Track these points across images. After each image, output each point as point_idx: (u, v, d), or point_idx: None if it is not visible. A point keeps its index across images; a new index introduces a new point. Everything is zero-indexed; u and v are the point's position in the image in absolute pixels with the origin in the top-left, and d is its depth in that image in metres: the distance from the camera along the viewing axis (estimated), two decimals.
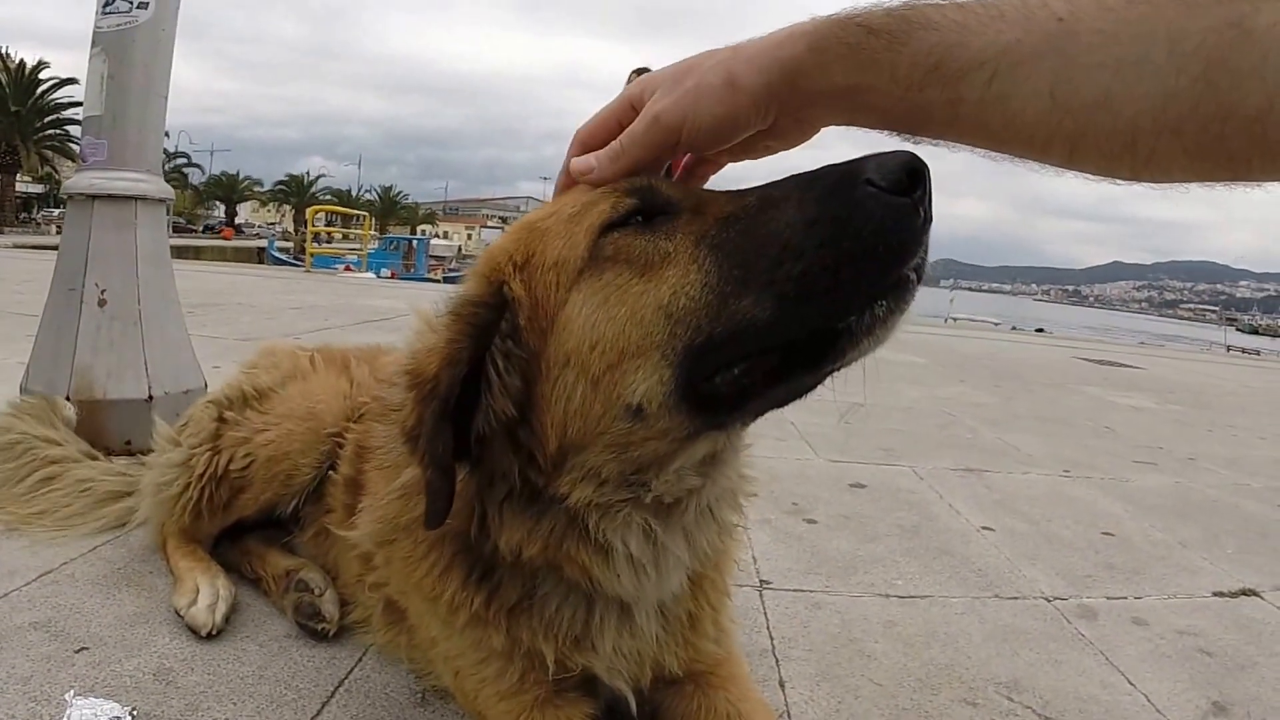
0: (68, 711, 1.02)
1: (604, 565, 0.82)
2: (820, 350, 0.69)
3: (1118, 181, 0.59)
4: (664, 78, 0.74)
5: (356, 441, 1.23)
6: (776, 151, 0.79)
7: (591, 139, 0.81)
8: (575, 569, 0.84)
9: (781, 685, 1.28)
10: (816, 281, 0.65)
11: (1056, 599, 1.74)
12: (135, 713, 1.04)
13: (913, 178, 0.64)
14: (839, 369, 0.72)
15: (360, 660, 1.22)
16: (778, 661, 1.35)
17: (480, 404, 0.77)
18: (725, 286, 0.69)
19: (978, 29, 0.58)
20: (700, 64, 0.71)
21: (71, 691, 1.06)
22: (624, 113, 0.78)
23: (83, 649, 1.18)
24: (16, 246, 9.69)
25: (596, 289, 0.74)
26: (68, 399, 2.02)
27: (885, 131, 0.69)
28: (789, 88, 0.67)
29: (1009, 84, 0.57)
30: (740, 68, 0.68)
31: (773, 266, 0.67)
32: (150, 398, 2.10)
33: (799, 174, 0.71)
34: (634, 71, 0.86)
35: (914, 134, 0.68)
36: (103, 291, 2.07)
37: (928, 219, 0.66)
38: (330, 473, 1.28)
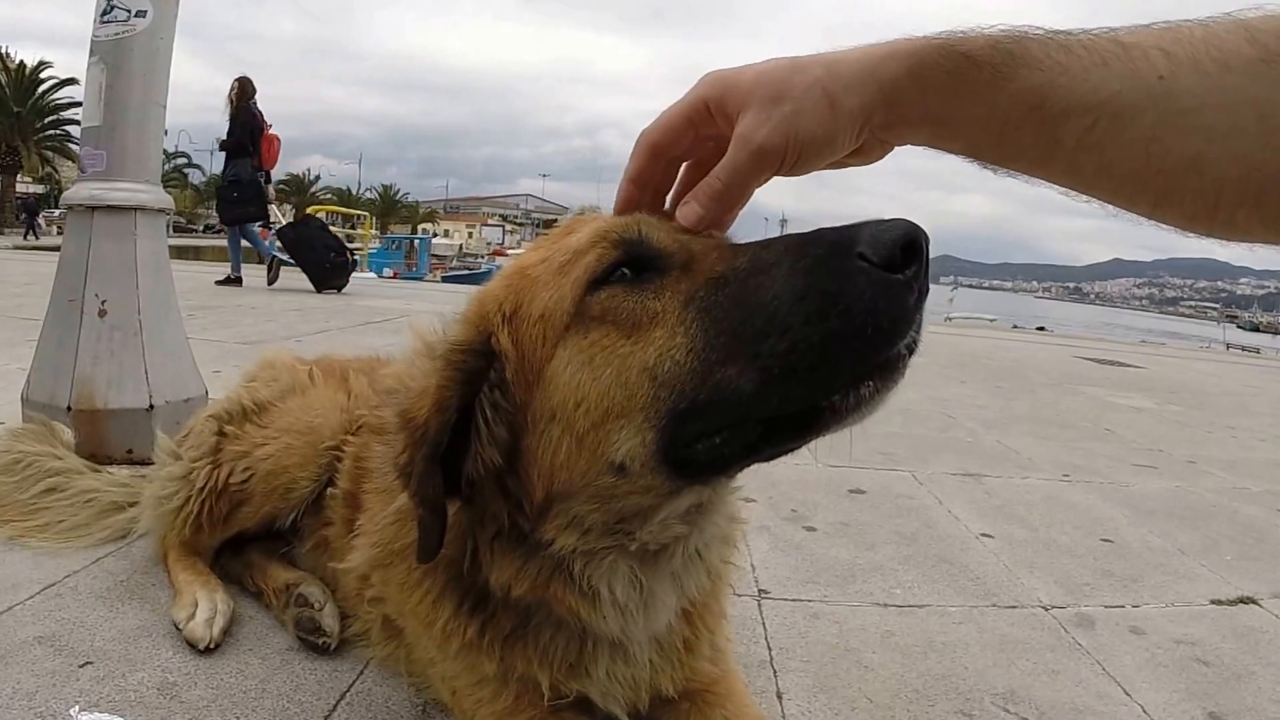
0: None
1: (591, 608, 0.84)
2: (803, 425, 0.68)
3: (1189, 235, 0.61)
4: (752, 93, 0.69)
5: (355, 455, 1.24)
6: (847, 167, 0.76)
7: (663, 142, 0.76)
8: (563, 609, 0.85)
9: (779, 697, 1.28)
10: (802, 359, 0.64)
11: (1054, 608, 1.74)
12: None
13: (908, 253, 0.62)
14: (823, 436, 0.71)
15: (361, 674, 1.23)
16: (775, 673, 1.36)
17: (470, 449, 0.78)
18: (711, 354, 0.68)
19: (1081, 74, 0.57)
20: (793, 81, 0.67)
21: (76, 707, 1.06)
22: (696, 113, 0.73)
23: (87, 663, 1.18)
24: (17, 248, 9.68)
25: (583, 347, 0.74)
26: (69, 409, 2.03)
27: (968, 159, 0.68)
28: (884, 110, 0.65)
29: (1107, 134, 0.57)
30: (839, 89, 0.65)
31: (759, 339, 0.66)
32: (151, 407, 2.11)
33: (791, 236, 0.70)
34: None
35: (1000, 166, 0.66)
36: (103, 302, 2.08)
37: (923, 294, 0.64)
38: (330, 487, 1.29)
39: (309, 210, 17.94)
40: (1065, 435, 3.82)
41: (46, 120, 35.48)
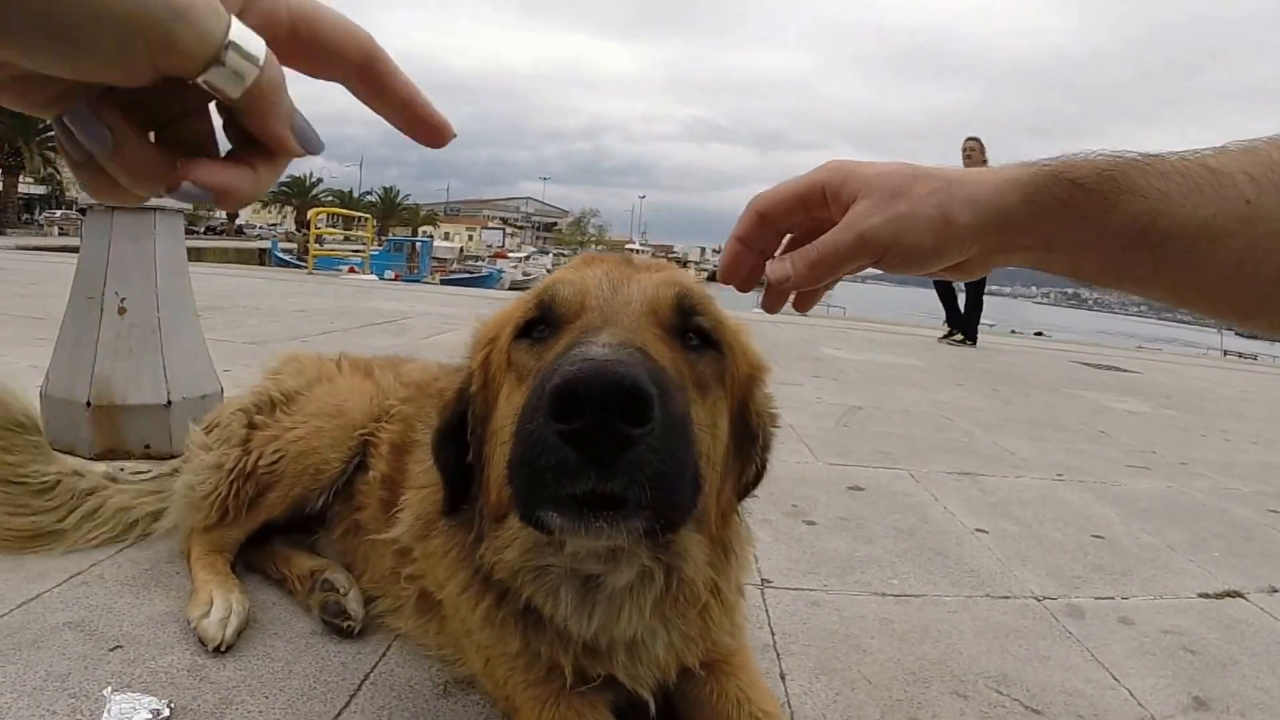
0: (108, 706, 1.06)
1: (553, 607, 0.92)
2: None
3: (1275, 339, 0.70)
4: (871, 184, 0.72)
5: (391, 441, 1.30)
6: (945, 277, 0.80)
7: (771, 213, 0.79)
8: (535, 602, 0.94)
9: (782, 677, 1.34)
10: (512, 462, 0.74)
11: (1046, 598, 1.80)
12: (173, 706, 1.09)
13: (567, 403, 0.62)
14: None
15: (384, 655, 1.28)
16: (779, 655, 1.42)
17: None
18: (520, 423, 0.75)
19: (1179, 200, 0.63)
20: (913, 186, 0.70)
21: (109, 688, 1.10)
22: (810, 194, 0.76)
23: (117, 647, 1.23)
24: (20, 248, 9.76)
25: (509, 382, 0.86)
26: (88, 405, 2.08)
27: (1072, 279, 0.72)
28: (997, 233, 0.69)
29: (1204, 256, 0.63)
30: (956, 206, 0.69)
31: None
32: (169, 403, 2.16)
33: (578, 346, 0.71)
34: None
35: (1102, 285, 0.72)
36: (122, 300, 2.13)
37: (597, 444, 0.63)
38: (368, 471, 1.34)
39: (311, 213, 18.47)
40: (1060, 437, 3.88)
41: (48, 121, 35.51)
